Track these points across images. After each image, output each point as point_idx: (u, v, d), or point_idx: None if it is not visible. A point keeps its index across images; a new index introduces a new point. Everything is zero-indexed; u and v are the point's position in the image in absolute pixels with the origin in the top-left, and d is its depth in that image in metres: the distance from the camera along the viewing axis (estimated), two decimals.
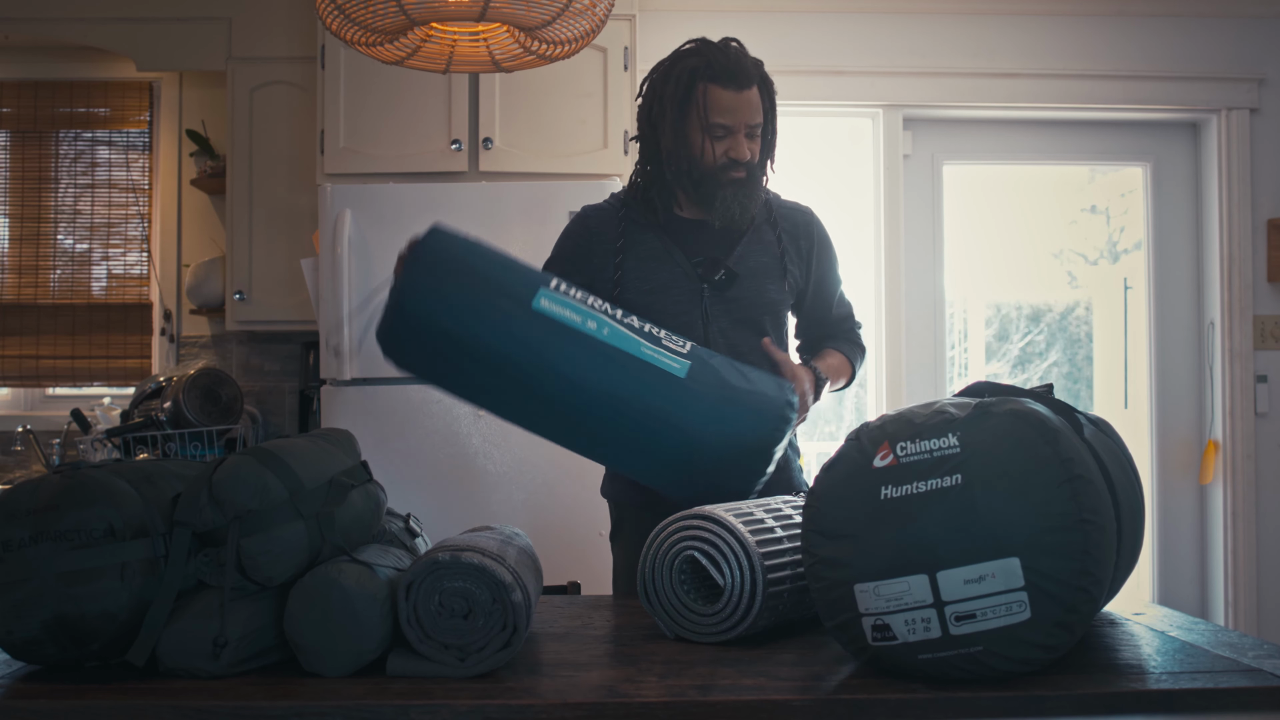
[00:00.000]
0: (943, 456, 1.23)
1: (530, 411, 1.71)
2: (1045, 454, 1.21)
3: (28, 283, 4.03)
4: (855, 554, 1.25)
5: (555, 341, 1.64)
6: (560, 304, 1.66)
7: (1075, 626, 1.21)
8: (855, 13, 3.81)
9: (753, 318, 2.01)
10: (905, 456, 1.25)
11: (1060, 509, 1.19)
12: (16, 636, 1.27)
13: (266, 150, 3.62)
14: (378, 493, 1.50)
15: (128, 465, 1.39)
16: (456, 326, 1.62)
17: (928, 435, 1.25)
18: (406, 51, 2.13)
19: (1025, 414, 1.24)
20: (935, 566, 1.20)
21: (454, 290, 1.65)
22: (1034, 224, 4.08)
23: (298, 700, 1.20)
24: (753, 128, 1.95)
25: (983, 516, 1.20)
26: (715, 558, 1.44)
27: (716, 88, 1.92)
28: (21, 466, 3.89)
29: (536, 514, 3.02)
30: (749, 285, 2.00)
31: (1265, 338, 3.85)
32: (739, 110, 1.93)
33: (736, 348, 1.98)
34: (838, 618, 1.28)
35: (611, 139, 3.37)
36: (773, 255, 2.04)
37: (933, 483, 1.23)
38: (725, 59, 1.93)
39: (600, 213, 2.06)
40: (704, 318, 1.98)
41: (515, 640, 1.29)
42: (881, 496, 1.25)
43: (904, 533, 1.22)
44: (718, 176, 1.95)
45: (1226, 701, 1.23)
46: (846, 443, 1.33)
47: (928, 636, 1.21)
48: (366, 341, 3.04)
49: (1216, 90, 3.86)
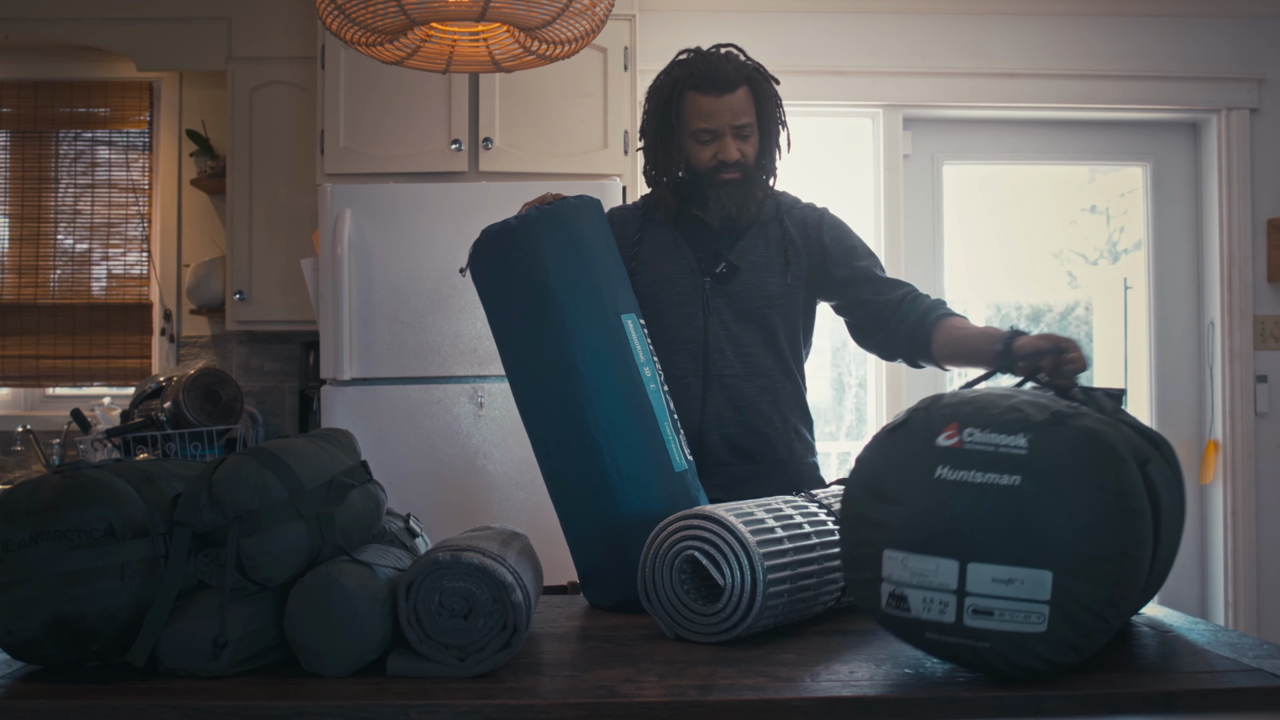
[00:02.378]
0: (1007, 455, 1.23)
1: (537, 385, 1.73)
2: (1106, 481, 1.21)
3: (28, 283, 4.03)
4: (895, 521, 1.27)
5: (611, 355, 1.71)
6: (638, 335, 1.76)
7: (1085, 650, 1.22)
8: (855, 13, 3.81)
9: (754, 310, 2.06)
10: (970, 443, 1.25)
11: (1106, 538, 1.19)
12: (16, 636, 1.27)
13: (266, 150, 3.62)
14: (378, 493, 1.50)
15: (128, 465, 1.39)
16: (551, 282, 1.69)
17: (998, 429, 1.25)
18: (406, 51, 2.13)
19: (1097, 435, 1.23)
20: (969, 557, 1.22)
21: (571, 254, 1.72)
22: (1034, 224, 4.08)
23: (298, 700, 1.20)
24: (740, 129, 2.01)
25: (1029, 524, 1.20)
26: (715, 558, 1.44)
27: (697, 94, 2.00)
28: (21, 466, 3.89)
29: (536, 514, 3.01)
30: (749, 279, 2.06)
31: (1265, 338, 3.85)
32: (719, 114, 1.99)
33: (737, 339, 2.05)
34: (859, 574, 1.30)
35: (611, 139, 3.37)
36: (776, 249, 2.09)
37: (990, 477, 1.23)
38: (706, 66, 2.00)
39: (622, 212, 2.17)
40: (704, 309, 2.05)
41: (515, 640, 1.29)
42: (936, 475, 1.26)
43: (948, 516, 1.23)
44: (711, 179, 2.02)
45: (1226, 701, 1.23)
46: (915, 412, 1.33)
47: (940, 619, 1.23)
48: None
49: (1216, 90, 3.86)
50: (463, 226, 3.10)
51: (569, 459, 1.72)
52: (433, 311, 3.08)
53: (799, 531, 1.52)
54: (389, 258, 3.08)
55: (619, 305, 1.75)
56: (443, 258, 3.08)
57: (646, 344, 1.78)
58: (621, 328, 1.73)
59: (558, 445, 1.73)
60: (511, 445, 3.06)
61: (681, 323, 2.05)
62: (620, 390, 1.70)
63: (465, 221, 3.10)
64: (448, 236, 3.08)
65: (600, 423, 1.67)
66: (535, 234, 1.70)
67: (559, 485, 1.75)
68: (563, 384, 1.69)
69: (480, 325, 3.08)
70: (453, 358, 3.08)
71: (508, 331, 1.76)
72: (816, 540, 1.53)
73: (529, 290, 1.70)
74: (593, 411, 1.67)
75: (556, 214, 1.73)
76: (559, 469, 1.74)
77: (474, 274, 1.77)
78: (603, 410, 1.68)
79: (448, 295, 3.08)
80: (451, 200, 3.10)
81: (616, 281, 1.78)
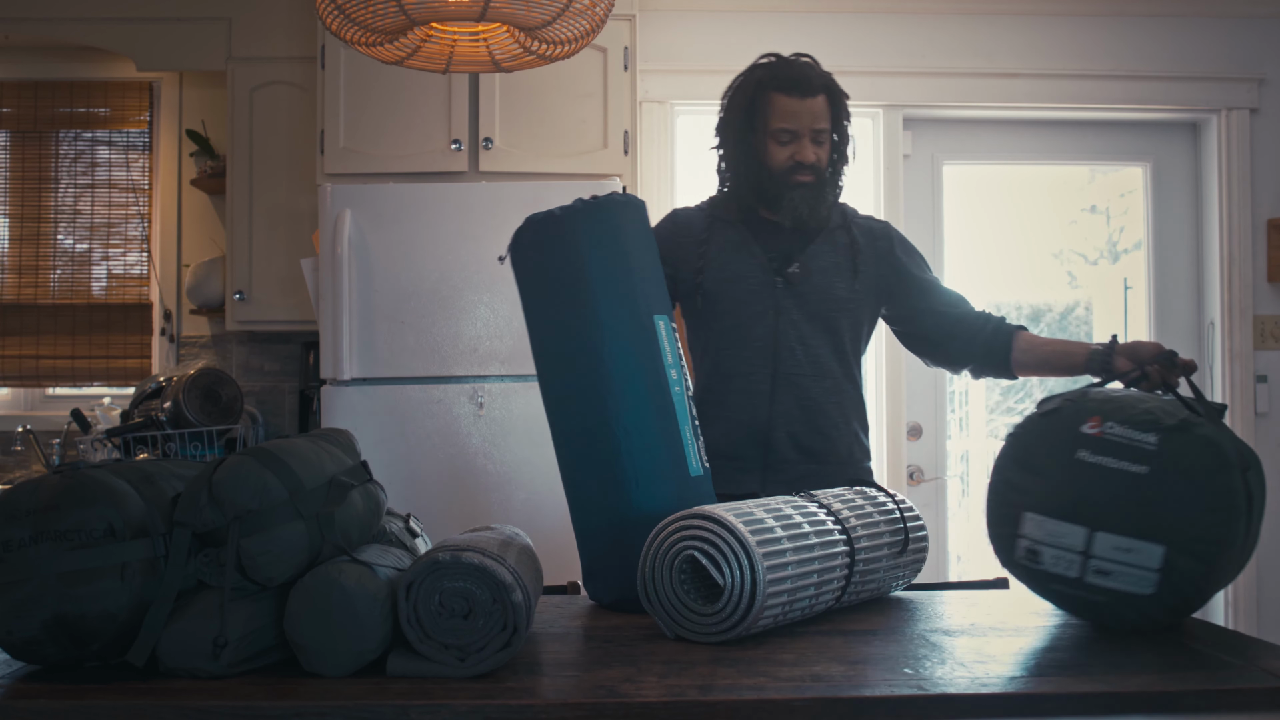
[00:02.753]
0: (1139, 448, 1.49)
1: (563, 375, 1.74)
2: (1216, 481, 1.46)
3: (28, 283, 4.03)
4: (1038, 488, 1.54)
5: (639, 353, 1.72)
6: (668, 337, 1.77)
7: (1180, 614, 1.50)
8: (855, 13, 3.81)
9: (823, 313, 2.11)
10: (1109, 434, 1.52)
11: (1210, 526, 1.45)
12: (16, 636, 1.27)
13: (266, 150, 3.62)
14: (378, 493, 1.50)
15: (128, 465, 1.39)
16: (587, 273, 1.71)
17: (1134, 426, 1.51)
18: (406, 51, 2.13)
19: (1215, 443, 1.49)
20: (1097, 526, 1.49)
21: (610, 249, 1.73)
22: (1034, 224, 4.08)
23: (298, 700, 1.20)
24: (818, 133, 2.08)
25: (1151, 507, 1.46)
26: (715, 557, 1.44)
27: (780, 95, 2.07)
28: (21, 466, 3.89)
29: (536, 514, 3.02)
30: (818, 282, 2.11)
31: (1265, 338, 3.85)
32: (801, 115, 2.06)
33: (806, 340, 2.10)
34: (1001, 530, 1.58)
35: (611, 139, 3.37)
36: (845, 256, 2.14)
37: (1124, 464, 1.49)
38: (790, 69, 2.08)
39: (688, 212, 2.22)
40: (775, 309, 2.10)
41: (515, 640, 1.29)
42: (1077, 455, 1.52)
43: (1084, 491, 1.50)
44: (785, 179, 2.08)
45: (1226, 701, 1.23)
46: (1066, 401, 1.58)
47: (1066, 574, 1.51)
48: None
49: (1216, 90, 3.86)
50: (463, 226, 3.10)
51: (586, 451, 1.72)
52: (433, 311, 3.08)
53: (798, 531, 1.52)
54: (389, 258, 3.08)
55: (653, 305, 1.76)
56: (443, 258, 3.08)
57: (677, 347, 1.79)
58: (653, 327, 1.74)
59: (576, 436, 1.73)
60: (511, 445, 3.06)
61: (752, 321, 2.09)
62: (644, 388, 1.70)
63: (465, 221, 3.10)
64: (448, 236, 3.08)
65: (621, 418, 1.68)
66: (577, 225, 1.72)
67: (573, 476, 1.75)
68: (588, 375, 1.70)
69: (480, 325, 3.08)
70: (453, 358, 3.08)
71: (540, 319, 1.78)
72: (816, 540, 1.53)
73: (565, 280, 1.72)
74: (615, 406, 1.68)
75: (600, 208, 1.75)
76: (575, 460, 1.74)
77: (513, 259, 1.79)
78: (625, 406, 1.68)
79: (448, 295, 3.08)
80: (451, 200, 3.10)
81: (653, 282, 1.79)
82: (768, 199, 2.11)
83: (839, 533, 1.59)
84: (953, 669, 1.31)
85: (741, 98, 2.11)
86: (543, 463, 3.04)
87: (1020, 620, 1.59)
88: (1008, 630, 1.52)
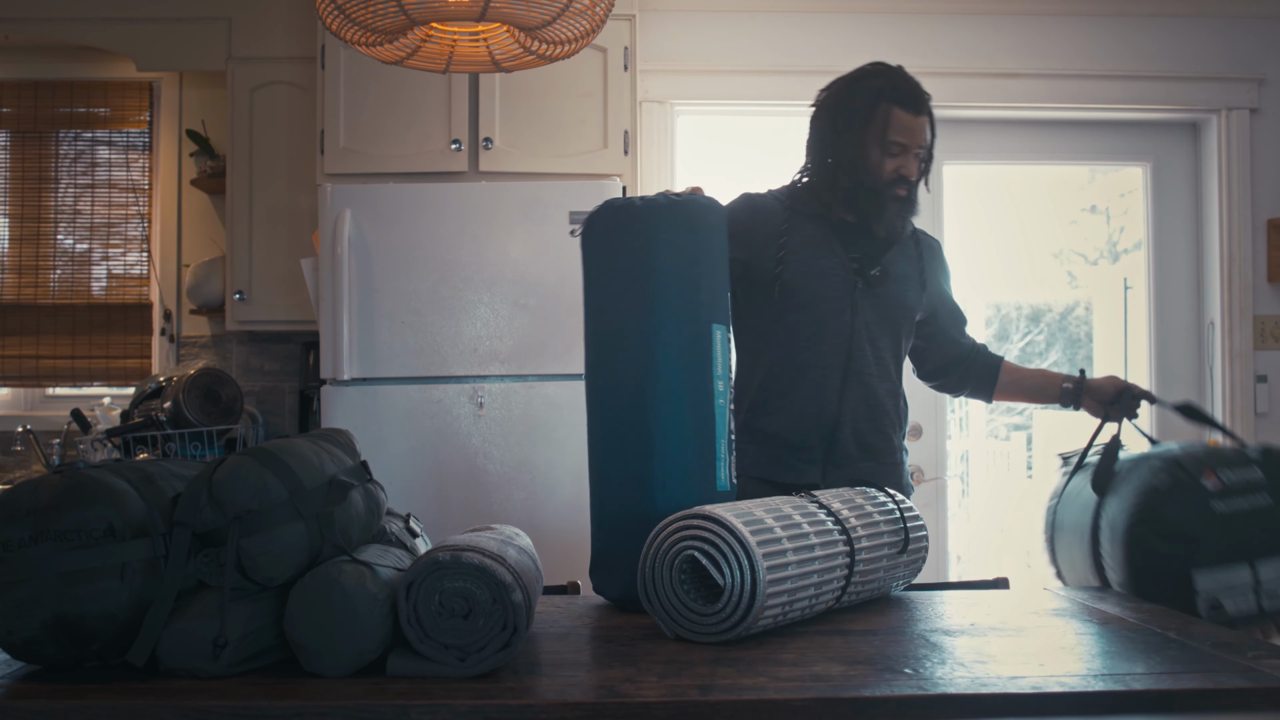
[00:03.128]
0: (1253, 482, 1.75)
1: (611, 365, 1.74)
2: None
3: (28, 283, 4.03)
4: (1193, 549, 1.72)
5: (691, 358, 1.72)
6: (722, 348, 1.77)
7: None
8: (855, 13, 3.81)
9: (893, 317, 2.18)
10: (1228, 482, 1.75)
11: None
12: (16, 636, 1.27)
13: (266, 150, 3.62)
14: (378, 493, 1.50)
15: (128, 465, 1.39)
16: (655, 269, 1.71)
17: (1238, 466, 1.76)
18: (406, 51, 2.13)
19: None
20: (1255, 559, 1.71)
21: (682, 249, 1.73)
22: (1034, 224, 4.08)
23: (298, 700, 1.20)
24: (921, 150, 2.14)
25: None
26: (715, 557, 1.44)
27: (898, 109, 2.11)
28: (21, 466, 3.89)
29: (536, 514, 3.02)
30: (894, 288, 2.17)
31: (1265, 338, 3.85)
32: (915, 132, 2.12)
33: (876, 341, 2.16)
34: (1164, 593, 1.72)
35: (611, 139, 3.37)
36: (914, 267, 2.23)
37: (1251, 500, 1.74)
38: (908, 84, 2.13)
39: (764, 199, 2.22)
40: (852, 307, 2.14)
41: (515, 640, 1.29)
42: (1214, 509, 1.73)
43: (1233, 534, 1.71)
44: (887, 191, 2.12)
45: (1226, 701, 1.23)
46: (1168, 470, 1.78)
47: (1248, 611, 1.70)
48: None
49: (1216, 90, 3.86)
50: (463, 226, 3.10)
51: (618, 444, 1.72)
52: (433, 311, 3.08)
53: (798, 531, 1.52)
54: (389, 258, 3.08)
55: (713, 314, 1.76)
56: (443, 257, 3.08)
57: (729, 360, 1.79)
58: (709, 335, 1.74)
59: (612, 427, 1.73)
60: (511, 445, 3.06)
61: (830, 316, 2.13)
62: (689, 394, 1.71)
63: (465, 221, 3.10)
64: (448, 236, 3.08)
65: (660, 419, 1.68)
66: (654, 218, 1.72)
67: (601, 466, 1.76)
68: (635, 370, 1.70)
69: (480, 325, 3.08)
70: (453, 358, 3.08)
71: (598, 305, 1.78)
72: (817, 541, 1.53)
73: (632, 271, 1.72)
74: (656, 406, 1.68)
75: (680, 207, 1.74)
76: (606, 451, 1.75)
77: (584, 240, 1.79)
78: (666, 408, 1.68)
79: (448, 295, 3.08)
80: (451, 200, 3.10)
81: (719, 291, 1.79)
82: (863, 205, 2.14)
83: (839, 533, 1.59)
84: (953, 669, 1.31)
85: (858, 103, 2.13)
86: (543, 463, 3.05)
87: (1020, 620, 1.59)
88: (1008, 630, 1.52)
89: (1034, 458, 4.54)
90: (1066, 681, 1.25)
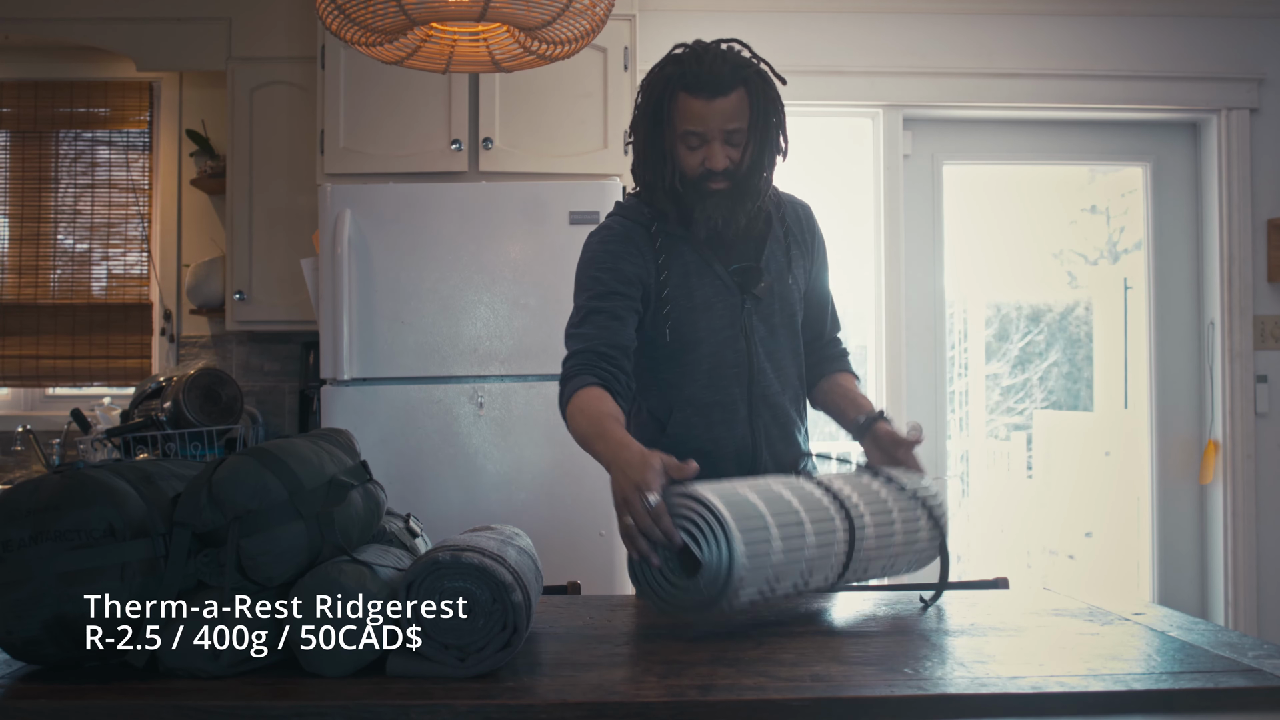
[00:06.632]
0: None
1: None
2: None
3: (28, 283, 4.03)
4: None
5: None
6: None
7: None
8: (855, 12, 3.81)
9: (783, 322, 1.99)
10: None
11: None
12: (16, 636, 1.27)
13: (266, 150, 3.62)
14: (378, 493, 1.50)
15: (128, 465, 1.39)
16: None
17: None
18: (406, 51, 2.13)
19: None
20: None
21: None
22: (1034, 224, 4.08)
23: (298, 700, 1.20)
24: (731, 134, 1.86)
25: None
26: (694, 533, 1.45)
27: (687, 95, 1.84)
28: (21, 466, 3.89)
29: (536, 514, 3.02)
30: (778, 286, 1.97)
31: (1265, 338, 3.85)
32: (709, 118, 1.84)
33: (773, 354, 1.97)
34: None
35: (611, 139, 3.37)
36: (783, 251, 2.00)
37: None
38: (699, 65, 1.84)
39: (626, 225, 1.96)
40: (745, 333, 1.94)
41: (515, 640, 1.29)
42: None
43: None
44: (699, 187, 1.88)
45: (1226, 701, 1.23)
46: None
47: None
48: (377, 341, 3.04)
49: (1216, 90, 3.86)
50: (463, 226, 3.10)
51: None
52: (433, 311, 3.08)
53: (787, 508, 1.51)
54: (389, 258, 3.08)
55: None
56: (442, 258, 3.08)
57: None
58: None
59: None
60: (511, 445, 3.06)
61: (723, 347, 1.93)
62: None
63: (465, 221, 3.10)
64: (448, 236, 3.08)
65: None
66: None
67: None
68: None
69: (480, 325, 3.08)
70: (453, 358, 3.08)
71: None
72: (807, 517, 1.52)
73: None
74: None
75: None
76: None
77: None
78: None
79: (448, 295, 3.08)
80: (451, 200, 3.10)
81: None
82: (681, 208, 1.91)
83: (837, 509, 1.58)
84: (953, 669, 1.31)
85: (650, 95, 1.89)
86: (543, 463, 3.04)
87: (1020, 620, 1.59)
88: (1008, 630, 1.52)
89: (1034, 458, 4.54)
90: (1066, 681, 1.25)
